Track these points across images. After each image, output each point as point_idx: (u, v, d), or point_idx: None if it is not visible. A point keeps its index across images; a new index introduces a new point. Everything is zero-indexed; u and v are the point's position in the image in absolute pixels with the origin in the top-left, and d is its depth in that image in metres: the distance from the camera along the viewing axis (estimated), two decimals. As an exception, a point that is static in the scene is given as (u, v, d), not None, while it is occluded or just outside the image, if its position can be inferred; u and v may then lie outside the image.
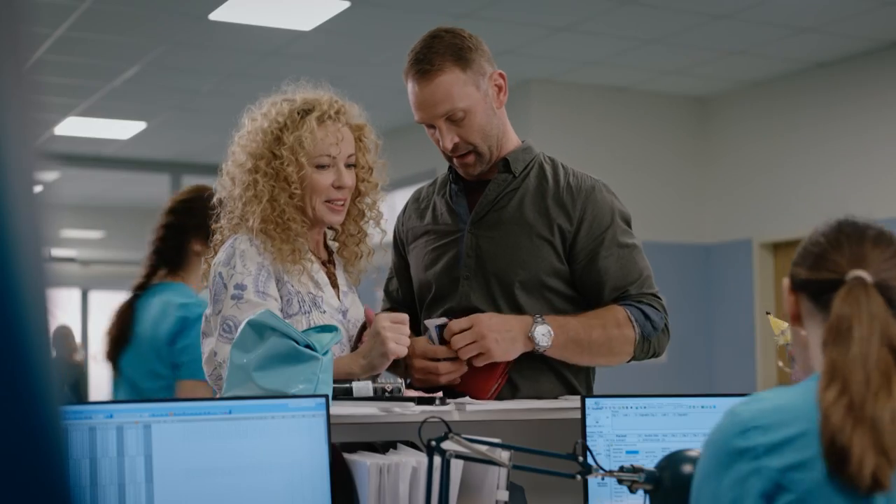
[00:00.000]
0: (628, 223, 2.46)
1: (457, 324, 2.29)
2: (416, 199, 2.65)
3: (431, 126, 2.38)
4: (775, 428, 1.36)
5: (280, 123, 2.27)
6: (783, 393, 1.43)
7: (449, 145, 2.36)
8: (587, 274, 2.40)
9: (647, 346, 2.40)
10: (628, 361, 2.43)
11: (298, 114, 2.27)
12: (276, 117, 2.28)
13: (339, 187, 2.29)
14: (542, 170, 2.47)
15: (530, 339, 2.28)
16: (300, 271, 2.27)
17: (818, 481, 1.31)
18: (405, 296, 2.64)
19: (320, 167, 2.27)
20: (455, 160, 2.42)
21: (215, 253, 2.33)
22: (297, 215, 2.27)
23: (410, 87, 2.38)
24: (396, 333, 2.17)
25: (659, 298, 2.43)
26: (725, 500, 1.36)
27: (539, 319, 2.30)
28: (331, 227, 2.43)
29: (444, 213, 2.52)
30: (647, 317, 2.37)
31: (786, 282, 1.51)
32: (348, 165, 2.32)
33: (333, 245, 2.47)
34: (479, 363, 2.28)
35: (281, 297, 2.24)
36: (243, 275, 2.21)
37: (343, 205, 2.32)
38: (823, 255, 1.45)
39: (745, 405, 1.41)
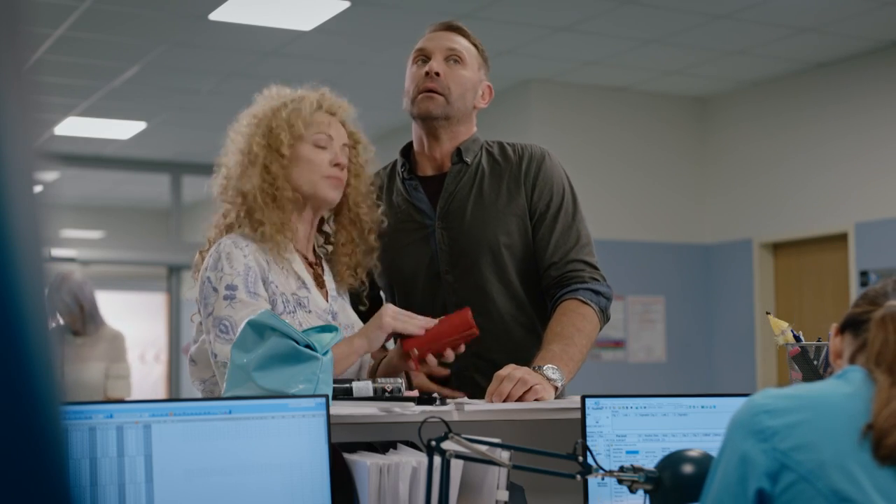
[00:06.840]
0: (573, 191, 2.57)
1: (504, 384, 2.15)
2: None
3: (424, 59, 2.51)
4: (783, 413, 1.47)
5: (278, 102, 2.35)
6: (805, 385, 1.58)
7: (436, 68, 2.48)
8: (535, 236, 2.51)
9: (605, 318, 2.50)
10: None
11: (296, 98, 2.36)
12: (275, 97, 2.37)
13: (336, 164, 2.34)
14: (489, 152, 2.58)
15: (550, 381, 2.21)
16: (286, 270, 2.29)
17: (819, 463, 1.42)
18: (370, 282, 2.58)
19: (319, 147, 2.33)
20: (422, 94, 2.49)
21: (203, 259, 2.33)
22: (288, 185, 2.31)
23: (425, 37, 2.55)
24: (397, 313, 2.26)
25: (596, 268, 2.51)
26: (733, 477, 1.47)
27: (540, 367, 2.22)
28: (321, 230, 2.45)
29: (405, 209, 2.56)
30: (598, 293, 2.46)
31: (833, 327, 1.63)
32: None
33: (322, 251, 2.48)
34: (529, 398, 2.16)
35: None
36: (232, 276, 2.23)
37: (341, 183, 2.36)
38: (865, 294, 1.59)
39: (763, 392, 1.52)
